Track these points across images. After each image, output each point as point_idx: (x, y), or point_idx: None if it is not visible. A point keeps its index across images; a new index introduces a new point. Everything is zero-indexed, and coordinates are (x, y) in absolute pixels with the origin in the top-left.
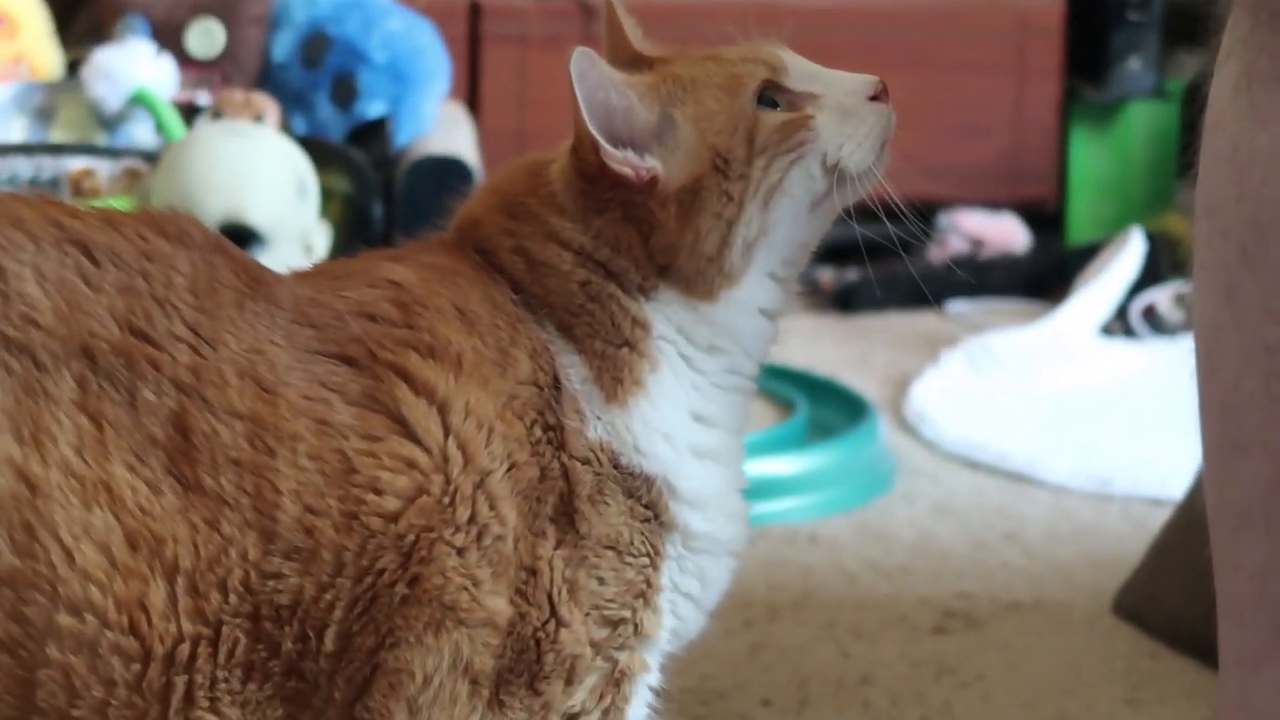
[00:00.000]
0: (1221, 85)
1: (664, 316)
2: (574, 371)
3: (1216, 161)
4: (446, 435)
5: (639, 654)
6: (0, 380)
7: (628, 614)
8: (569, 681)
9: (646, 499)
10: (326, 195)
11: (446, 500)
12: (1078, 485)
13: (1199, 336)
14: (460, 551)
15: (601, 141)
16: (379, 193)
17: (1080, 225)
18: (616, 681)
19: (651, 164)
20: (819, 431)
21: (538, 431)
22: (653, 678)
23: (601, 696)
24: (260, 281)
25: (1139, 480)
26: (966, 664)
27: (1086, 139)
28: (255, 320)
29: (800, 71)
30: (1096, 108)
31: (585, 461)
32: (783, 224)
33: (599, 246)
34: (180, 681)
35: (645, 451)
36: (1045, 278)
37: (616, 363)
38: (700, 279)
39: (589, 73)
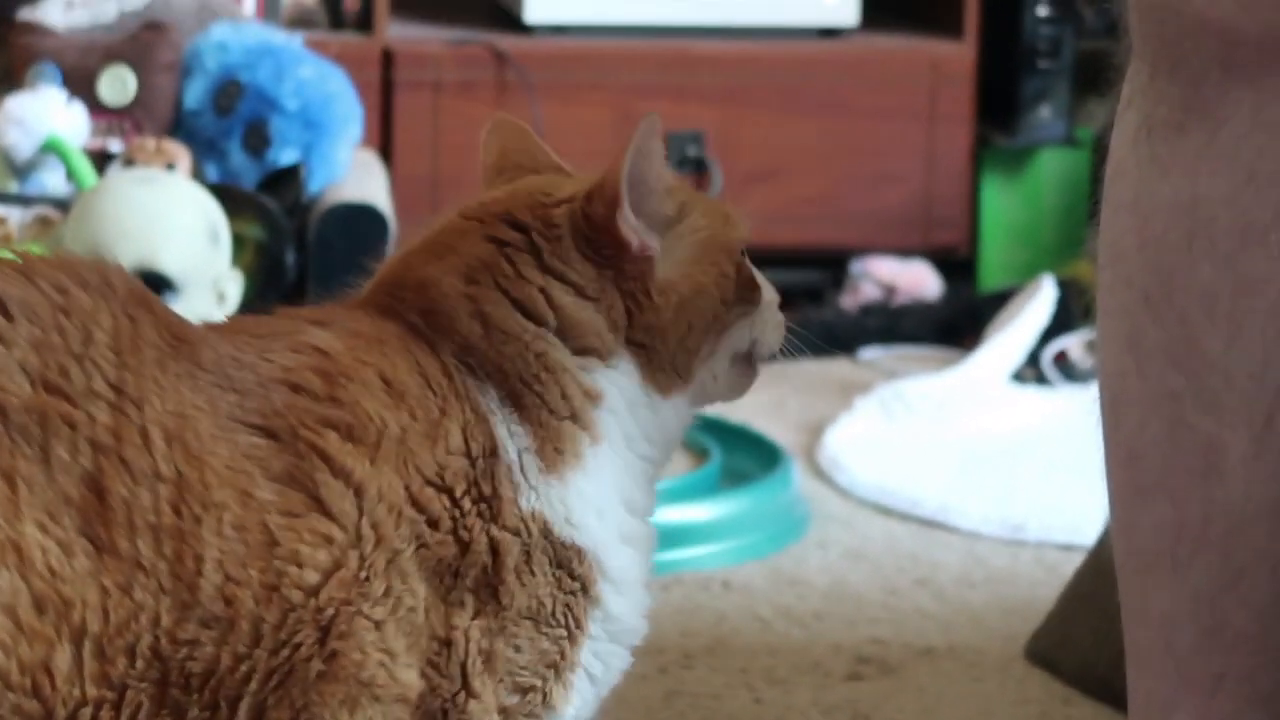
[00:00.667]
0: (1122, 135)
1: (617, 389)
2: (514, 441)
3: (1118, 211)
4: (360, 515)
5: None
6: None
7: (538, 683)
8: None
9: (576, 571)
10: (239, 242)
11: (363, 575)
12: (990, 531)
13: (1103, 384)
14: (378, 625)
15: (626, 201)
16: (292, 240)
17: (992, 272)
18: None
19: (654, 245)
20: (732, 478)
21: (466, 503)
22: None
23: None
24: (184, 340)
25: (1051, 526)
26: (880, 710)
27: (998, 186)
28: (179, 382)
29: None
30: (1007, 154)
31: (515, 532)
32: (722, 361)
33: (581, 297)
34: None
35: (578, 524)
36: (957, 324)
37: (559, 434)
38: (665, 370)
39: (650, 140)
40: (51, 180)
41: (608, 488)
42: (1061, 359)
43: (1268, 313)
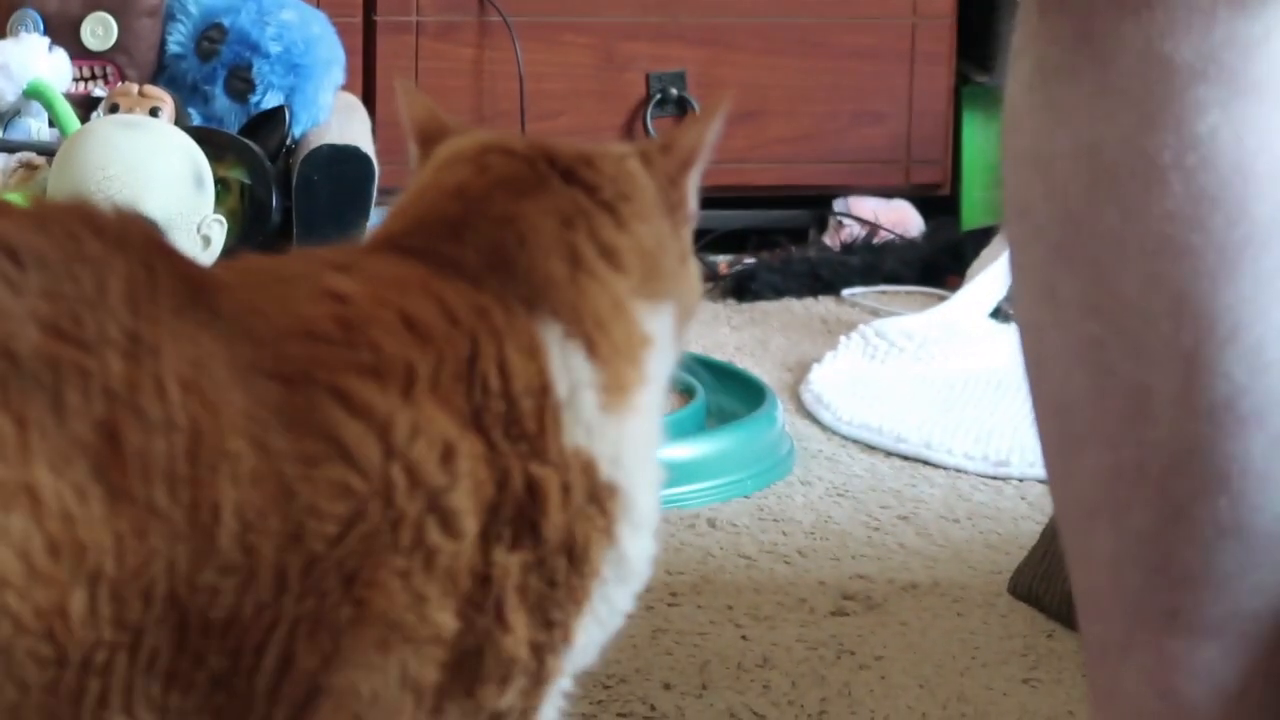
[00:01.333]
0: (1016, 82)
1: (661, 334)
2: (575, 378)
3: (1019, 162)
4: (388, 457)
5: (561, 659)
6: None
7: (564, 618)
8: (503, 683)
9: (607, 509)
10: (223, 186)
11: (388, 525)
12: (973, 467)
13: (1023, 340)
14: (405, 574)
15: (698, 164)
16: (276, 183)
17: (973, 210)
18: (540, 682)
19: (696, 210)
20: (717, 417)
21: (505, 443)
22: (566, 682)
23: (526, 696)
24: (201, 287)
25: (1034, 462)
26: (865, 645)
27: (979, 124)
28: (196, 330)
29: None
30: (988, 92)
31: (557, 468)
32: None
33: (655, 245)
34: (95, 685)
35: (622, 465)
36: (940, 262)
37: (622, 375)
38: (684, 320)
39: (719, 112)
40: (35, 126)
41: (648, 430)
42: None
43: (1181, 249)
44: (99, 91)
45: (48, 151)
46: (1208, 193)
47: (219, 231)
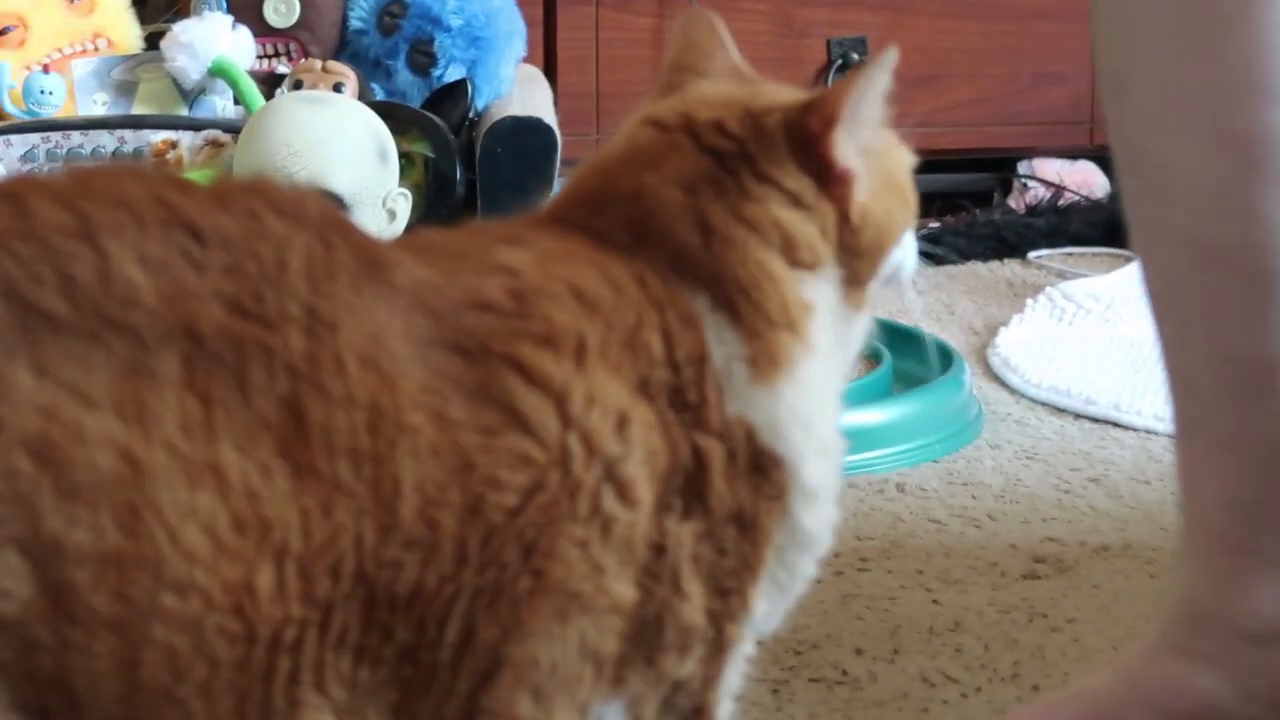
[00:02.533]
0: None
1: (824, 301)
2: (724, 348)
3: None
4: (566, 426)
5: (740, 625)
6: (103, 360)
7: (737, 585)
8: (682, 651)
9: (773, 477)
10: (407, 160)
11: (566, 494)
12: (1164, 428)
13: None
14: (583, 544)
15: (843, 122)
16: (459, 156)
17: None
18: (720, 649)
19: (858, 170)
20: (905, 382)
21: (670, 412)
22: (748, 647)
23: (706, 664)
24: (377, 263)
25: None
26: (1056, 608)
27: None
28: (374, 305)
29: None
30: None
31: (720, 437)
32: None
33: (798, 208)
34: (285, 662)
35: (781, 434)
36: (1125, 223)
37: (774, 343)
38: (856, 286)
39: (881, 72)
40: (220, 104)
41: (813, 399)
42: None
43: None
44: (282, 68)
45: (233, 129)
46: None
47: (404, 205)
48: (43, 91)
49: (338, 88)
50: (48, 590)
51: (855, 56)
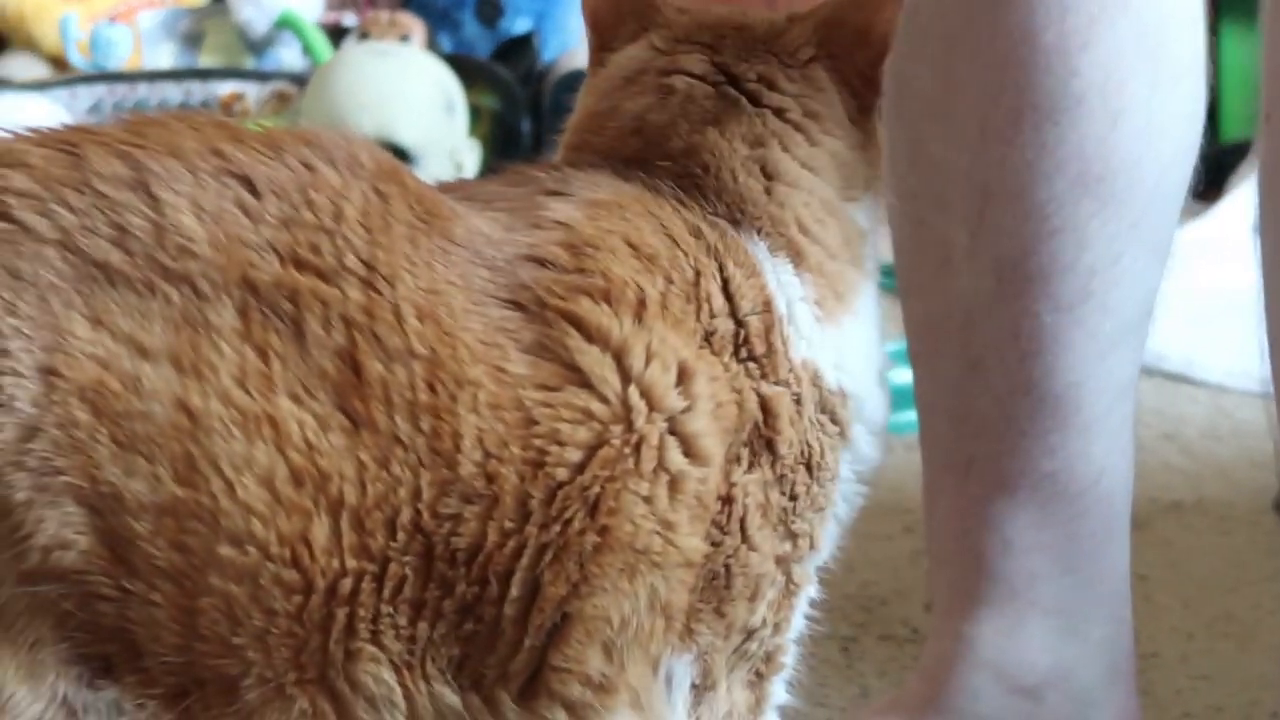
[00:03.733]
0: None
1: (870, 225)
2: (791, 290)
3: None
4: (626, 382)
5: (808, 567)
6: (158, 309)
7: (807, 528)
8: (753, 599)
9: (839, 415)
10: (475, 112)
11: (629, 450)
12: (1236, 384)
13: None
14: (648, 499)
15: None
16: (527, 108)
17: (1233, 122)
18: (789, 593)
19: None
20: None
21: (734, 364)
22: (813, 589)
23: (777, 609)
24: (436, 215)
25: None
26: (1129, 565)
27: (1238, 34)
28: (431, 257)
29: None
30: (1247, 2)
31: (785, 384)
32: None
33: (850, 145)
34: (341, 614)
35: (848, 369)
36: (1199, 175)
37: (840, 279)
38: (879, 203)
39: None
40: (287, 56)
41: (871, 328)
42: None
43: (972, 112)
44: (349, 20)
45: (300, 81)
46: (997, 60)
47: (471, 157)
48: (109, 43)
49: (404, 39)
50: (106, 540)
51: None
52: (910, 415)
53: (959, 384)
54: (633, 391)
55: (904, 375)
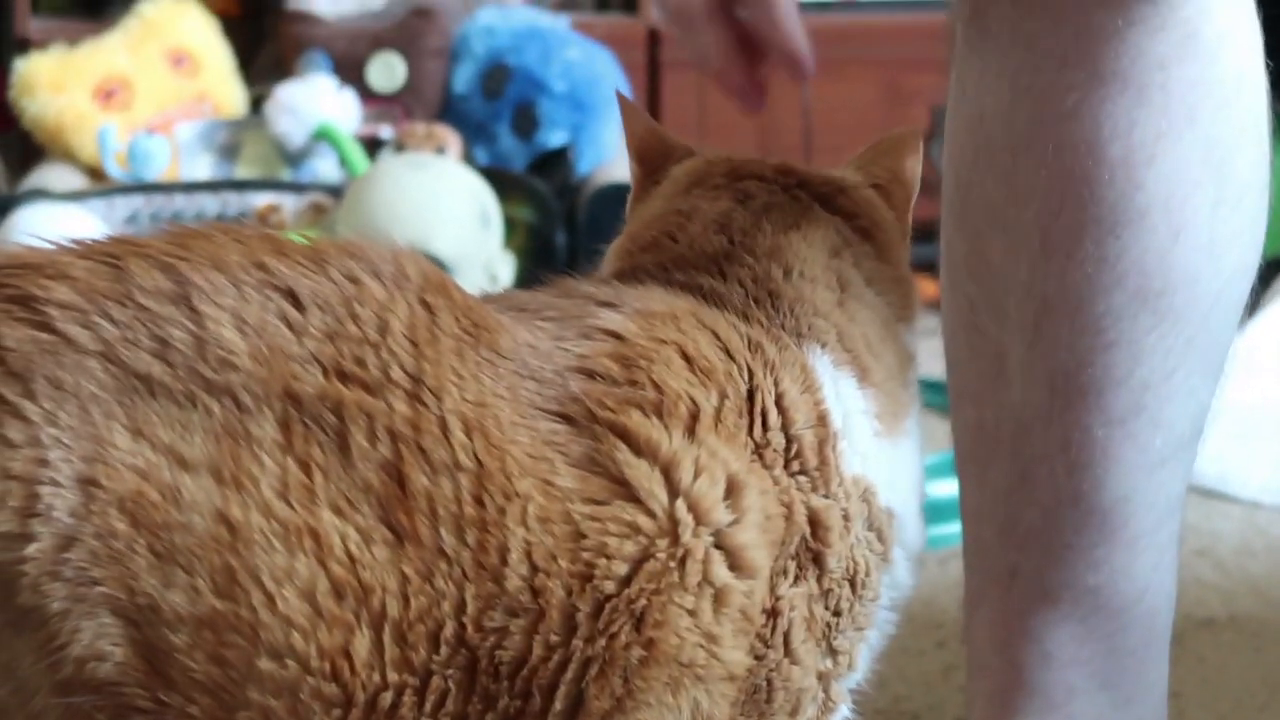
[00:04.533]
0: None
1: (914, 352)
2: (851, 404)
3: (944, 134)
4: (674, 496)
5: (845, 686)
6: (199, 421)
7: (848, 645)
8: (794, 714)
9: (885, 534)
10: (510, 225)
11: (674, 564)
12: (1271, 500)
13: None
14: (693, 613)
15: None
16: (562, 221)
17: (1274, 238)
18: (826, 711)
19: None
20: None
21: (785, 478)
22: (847, 709)
23: None
24: (482, 327)
25: None
26: None
27: (1274, 150)
28: (479, 370)
29: None
30: None
31: (835, 499)
32: None
33: (899, 269)
34: None
35: (897, 489)
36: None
37: (898, 399)
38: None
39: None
40: (323, 167)
41: (917, 454)
42: None
43: (1034, 223)
44: (386, 132)
45: (336, 192)
46: (1062, 173)
47: (506, 269)
48: (147, 154)
49: (440, 152)
50: (143, 652)
51: None
52: (945, 529)
53: (1007, 494)
54: (680, 505)
55: (941, 489)
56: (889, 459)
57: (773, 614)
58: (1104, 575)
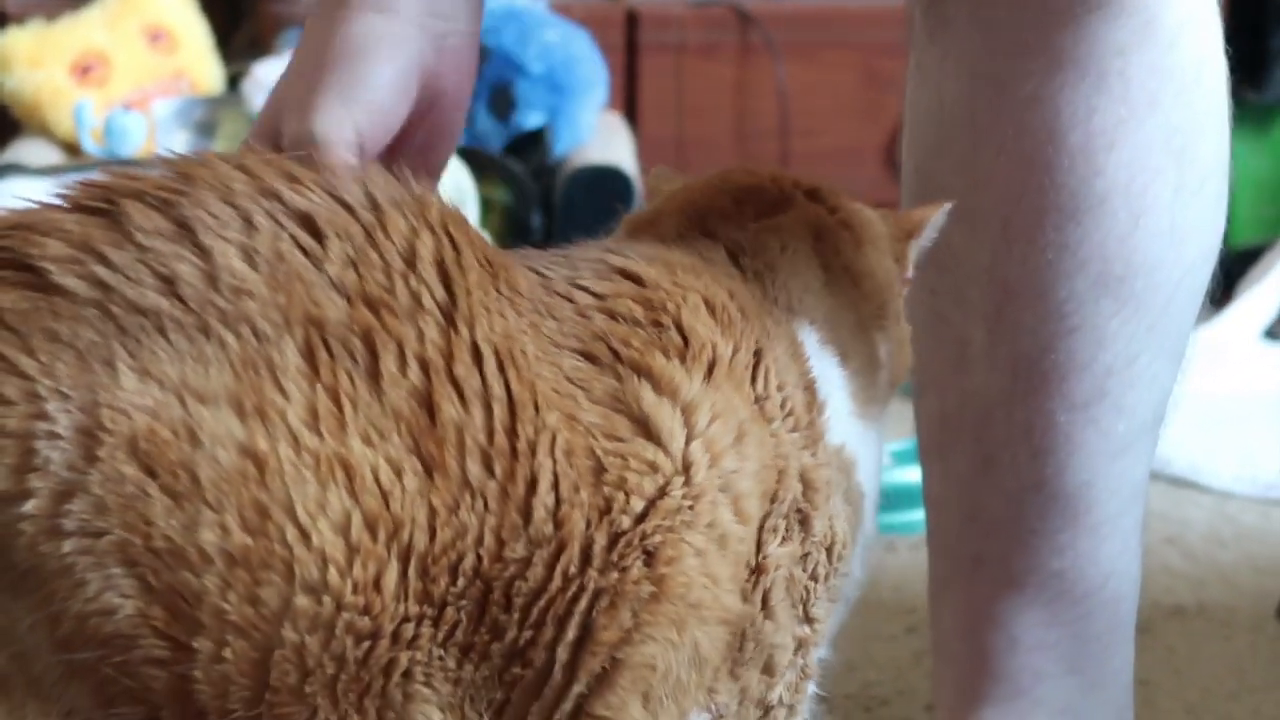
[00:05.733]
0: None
1: (885, 365)
2: (833, 381)
3: (903, 122)
4: (690, 439)
5: (814, 655)
6: (213, 354)
7: (823, 615)
8: (767, 672)
9: (858, 512)
10: (486, 206)
11: (688, 503)
12: (1241, 490)
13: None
14: (700, 553)
15: (922, 237)
16: (538, 203)
17: (1242, 228)
18: (804, 678)
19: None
20: None
21: (782, 432)
22: (814, 685)
23: (793, 692)
24: (501, 265)
25: None
26: None
27: (1247, 141)
28: (502, 305)
29: None
30: (1256, 109)
31: (825, 464)
32: None
33: (890, 280)
34: (404, 658)
35: (868, 472)
36: (1215, 281)
37: (866, 389)
38: (895, 380)
39: (944, 212)
40: None
41: (880, 449)
42: None
43: (995, 210)
44: None
45: None
46: (1023, 160)
47: None
48: (124, 130)
49: None
50: (163, 600)
51: None
52: (915, 515)
53: (971, 480)
54: (696, 447)
55: (908, 475)
56: (862, 441)
57: (758, 570)
58: (1069, 560)
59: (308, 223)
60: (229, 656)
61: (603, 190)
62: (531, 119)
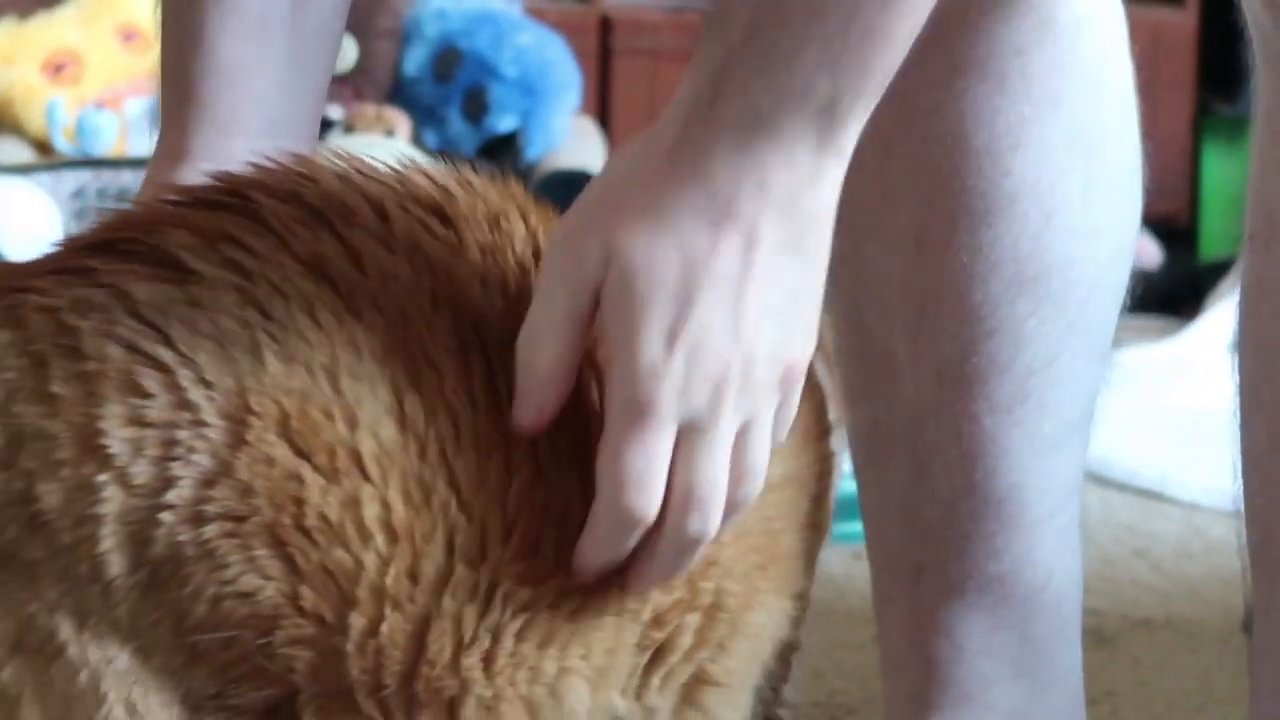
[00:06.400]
0: None
1: None
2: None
3: None
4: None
5: None
6: (363, 336)
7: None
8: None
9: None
10: None
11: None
12: (1210, 502)
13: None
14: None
15: None
16: None
17: (1212, 241)
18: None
19: None
20: None
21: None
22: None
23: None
24: None
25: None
26: (1096, 681)
27: (1219, 154)
28: None
29: None
30: (1229, 122)
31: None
32: None
33: None
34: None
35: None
36: (1178, 293)
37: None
38: None
39: None
40: None
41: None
42: None
43: (909, 220)
44: (335, 113)
45: None
46: (931, 166)
47: None
48: (96, 129)
49: (390, 134)
50: (312, 578)
51: None
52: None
53: (906, 490)
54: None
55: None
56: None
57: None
58: (1006, 563)
59: (438, 211)
60: (384, 631)
61: (575, 194)
62: (504, 123)
